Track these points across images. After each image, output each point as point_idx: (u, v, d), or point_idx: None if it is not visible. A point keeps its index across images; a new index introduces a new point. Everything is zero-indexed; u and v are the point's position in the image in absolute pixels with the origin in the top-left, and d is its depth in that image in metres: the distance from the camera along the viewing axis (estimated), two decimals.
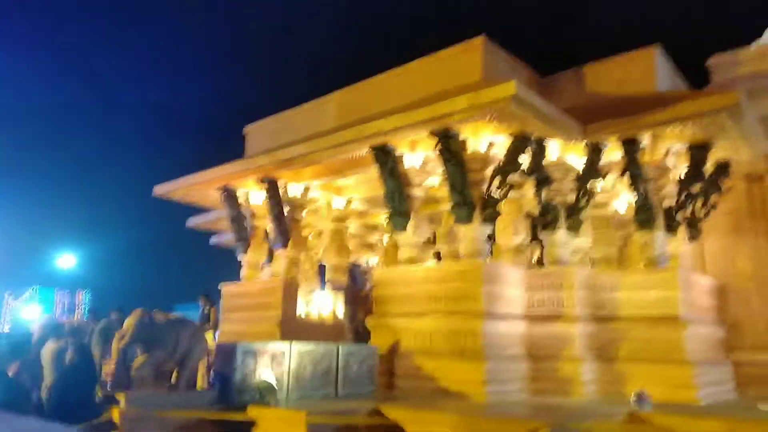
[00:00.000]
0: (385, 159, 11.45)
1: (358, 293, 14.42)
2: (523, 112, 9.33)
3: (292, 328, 12.95)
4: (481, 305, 9.92)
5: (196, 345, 8.27)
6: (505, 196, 10.65)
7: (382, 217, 16.59)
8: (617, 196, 12.27)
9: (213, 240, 21.07)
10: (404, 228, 11.57)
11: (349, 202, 15.27)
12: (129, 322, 7.46)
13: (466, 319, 9.93)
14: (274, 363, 8.58)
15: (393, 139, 11.21)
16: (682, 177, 10.89)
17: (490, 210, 10.62)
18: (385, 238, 18.30)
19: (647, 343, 10.15)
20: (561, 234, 11.16)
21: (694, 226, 11.52)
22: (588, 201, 11.14)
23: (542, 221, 11.21)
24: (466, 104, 9.41)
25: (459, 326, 9.99)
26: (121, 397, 6.75)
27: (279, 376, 8.16)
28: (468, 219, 10.58)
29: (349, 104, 13.39)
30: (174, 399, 7.77)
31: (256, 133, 15.56)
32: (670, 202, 11.09)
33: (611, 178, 11.26)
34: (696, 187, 10.91)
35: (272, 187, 13.84)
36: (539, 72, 13.12)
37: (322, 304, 14.54)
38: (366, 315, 14.13)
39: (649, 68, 11.57)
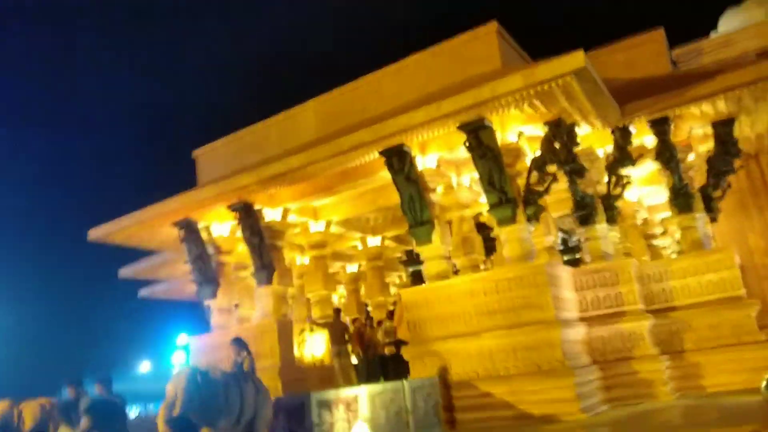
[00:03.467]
0: (401, 162, 10.00)
1: (344, 329, 12.64)
2: (585, 87, 8.36)
3: (293, 376, 10.87)
4: (551, 312, 8.66)
5: (263, 405, 6.10)
6: (547, 189, 9.59)
7: (356, 240, 15.03)
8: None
9: (143, 292, 18.05)
10: (429, 239, 10.10)
11: (328, 225, 13.48)
12: (176, 386, 5.25)
13: (537, 331, 8.60)
14: (350, 413, 6.68)
15: (408, 139, 9.82)
16: (710, 156, 10.52)
17: (533, 206, 9.50)
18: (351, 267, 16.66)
19: (714, 330, 9.47)
20: (601, 227, 10.30)
21: (713, 206, 11.17)
22: (623, 188, 10.42)
23: (580, 215, 10.28)
24: (521, 83, 8.25)
25: (530, 340, 8.63)
26: None
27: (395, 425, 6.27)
28: (512, 219, 9.37)
29: (331, 111, 11.76)
30: None
31: (210, 156, 13.36)
32: (697, 182, 10.71)
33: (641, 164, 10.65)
34: (721, 166, 10.58)
35: (247, 214, 11.76)
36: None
37: (315, 343, 12.54)
38: (360, 349, 12.45)
39: (660, 49, 11.25)
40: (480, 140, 9.35)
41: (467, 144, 9.41)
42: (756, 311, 9.40)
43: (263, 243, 11.80)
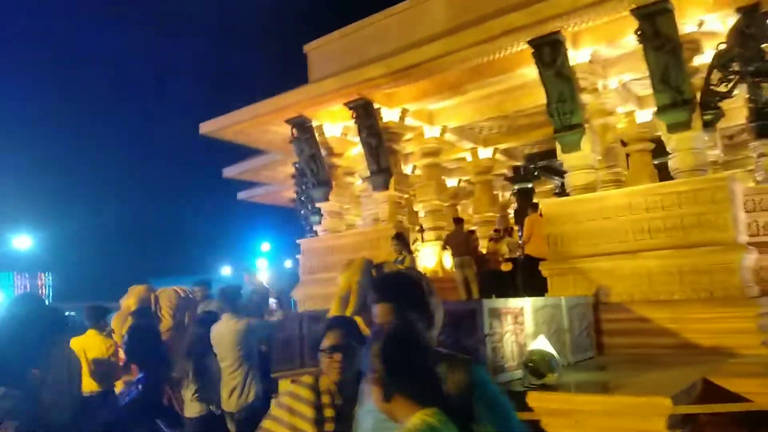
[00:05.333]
0: (554, 54, 8.74)
1: (467, 239, 11.79)
2: None
3: None
4: (731, 233, 7.50)
5: (436, 309, 5.60)
6: (731, 90, 8.16)
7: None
8: None
9: (242, 195, 17.92)
10: (578, 146, 8.97)
11: (443, 131, 12.48)
12: (350, 278, 4.68)
13: (711, 253, 7.49)
14: (517, 325, 5.95)
15: (565, 27, 8.52)
16: None
17: (712, 111, 8.14)
18: None
19: None
20: None
21: None
22: None
23: (760, 125, 8.80)
24: None
25: (701, 263, 7.55)
26: None
27: (554, 344, 5.51)
28: (686, 124, 8.07)
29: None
30: None
31: (324, 51, 12.41)
32: None
33: None
34: None
35: (366, 112, 10.91)
36: None
37: (427, 255, 11.91)
38: (479, 265, 11.68)
39: None
40: (657, 27, 7.95)
41: (640, 32, 8.04)
42: None
43: (381, 145, 10.99)
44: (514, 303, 6.04)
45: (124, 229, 33.49)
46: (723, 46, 8.20)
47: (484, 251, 12.10)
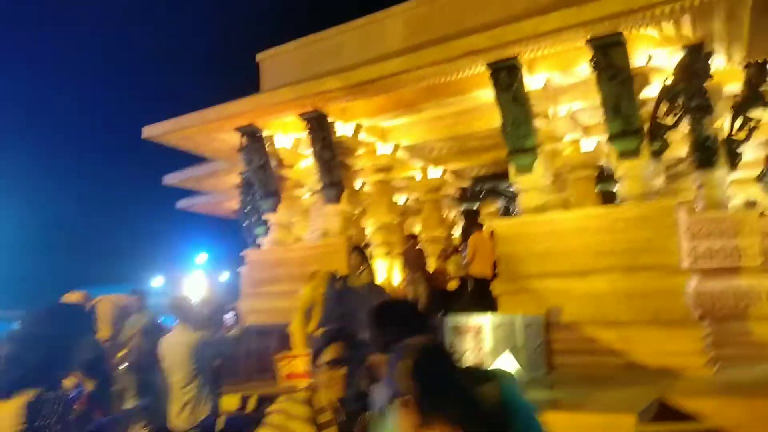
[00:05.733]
0: (511, 78, 8.91)
1: (419, 256, 11.77)
2: (756, 3, 7.21)
3: None
4: (677, 258, 7.81)
5: None
6: (677, 123, 8.56)
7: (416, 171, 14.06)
8: None
9: (182, 204, 17.23)
10: (530, 168, 9.14)
11: (395, 148, 12.47)
12: (313, 290, 4.44)
13: (658, 277, 7.75)
14: (476, 341, 5.90)
15: (523, 52, 8.72)
16: None
17: (659, 141, 8.49)
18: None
19: None
20: (720, 173, 9.30)
21: None
22: (751, 133, 9.37)
23: (700, 157, 9.26)
24: None
25: (648, 286, 7.80)
26: None
27: (513, 361, 5.47)
28: (636, 152, 8.38)
29: (425, 19, 10.51)
30: None
31: (277, 61, 12.17)
32: None
33: None
34: None
35: (320, 125, 10.75)
36: None
37: (376, 270, 11.76)
38: (431, 282, 11.64)
39: None
40: (610, 59, 8.26)
41: (595, 62, 8.32)
42: None
43: (334, 158, 10.84)
44: (474, 320, 5.99)
45: (52, 234, 31.50)
46: (669, 81, 8.61)
47: (431, 270, 12.08)
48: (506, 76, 8.91)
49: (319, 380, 2.20)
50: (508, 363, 5.25)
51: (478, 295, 9.76)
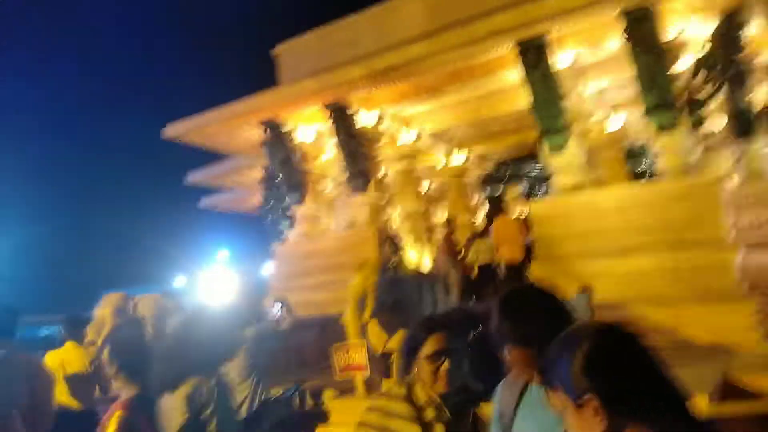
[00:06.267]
0: (539, 57, 8.69)
1: (456, 243, 11.55)
2: None
3: None
4: (722, 233, 7.56)
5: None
6: (714, 95, 8.30)
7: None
8: None
9: (206, 202, 17.20)
10: (562, 147, 8.93)
11: (419, 135, 12.29)
12: (365, 281, 4.33)
13: (708, 252, 7.53)
14: None
15: (551, 30, 8.49)
16: None
17: (697, 113, 8.25)
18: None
19: None
20: (759, 144, 9.02)
21: None
22: None
23: (738, 128, 8.98)
24: None
25: (696, 261, 7.58)
26: None
27: None
28: (673, 125, 8.14)
29: (444, 2, 10.30)
30: None
31: (295, 53, 12.01)
32: None
33: None
34: None
35: (343, 115, 10.59)
36: None
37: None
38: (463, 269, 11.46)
39: None
40: (643, 31, 8.00)
41: (628, 34, 8.07)
42: None
43: (359, 148, 10.69)
44: None
45: (77, 237, 31.67)
46: (704, 52, 8.34)
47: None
48: (534, 54, 8.69)
49: (420, 375, 2.02)
50: None
51: (512, 281, 9.59)
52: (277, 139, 11.17)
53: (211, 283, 16.15)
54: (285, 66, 12.21)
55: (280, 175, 11.38)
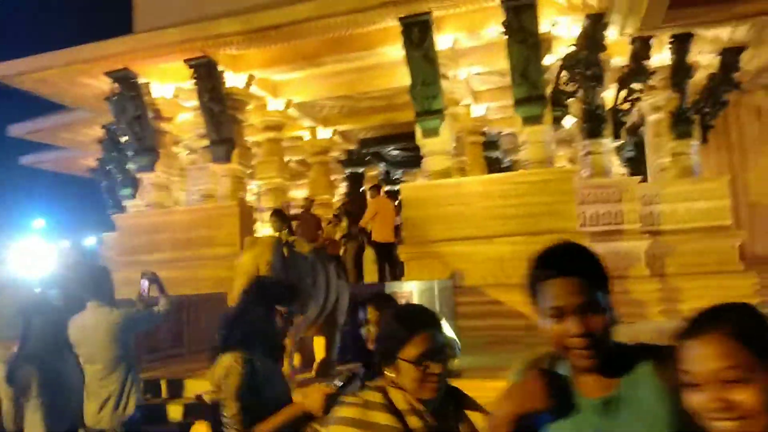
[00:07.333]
0: (423, 35, 8.64)
1: (318, 222, 11.24)
2: None
3: None
4: (575, 223, 8.17)
5: (344, 291, 4.73)
6: (577, 91, 8.86)
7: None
8: None
9: (27, 159, 14.96)
10: (436, 132, 9.00)
11: (287, 105, 11.72)
12: (256, 257, 3.75)
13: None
14: None
15: (436, 9, 8.47)
16: (712, 84, 10.40)
17: (561, 108, 8.76)
18: None
19: (698, 257, 9.64)
20: (606, 141, 9.86)
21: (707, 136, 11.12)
22: (633, 104, 10.00)
23: (590, 126, 9.72)
24: None
25: None
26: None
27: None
28: (540, 118, 8.56)
29: None
30: None
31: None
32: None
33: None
34: (719, 96, 10.54)
35: (209, 73, 9.72)
36: None
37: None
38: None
39: None
40: (522, 21, 8.27)
41: (507, 23, 8.29)
42: (740, 242, 9.69)
43: (224, 112, 9.89)
44: (406, 287, 5.76)
45: None
46: (572, 48, 8.86)
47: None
48: (418, 32, 8.62)
49: (400, 380, 1.63)
50: (445, 330, 5.10)
51: (384, 261, 9.57)
52: (128, 93, 9.94)
53: (25, 255, 14.16)
54: (142, 11, 10.85)
55: (129, 135, 10.16)
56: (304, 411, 2.16)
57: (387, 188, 13.12)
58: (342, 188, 16.53)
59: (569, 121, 10.07)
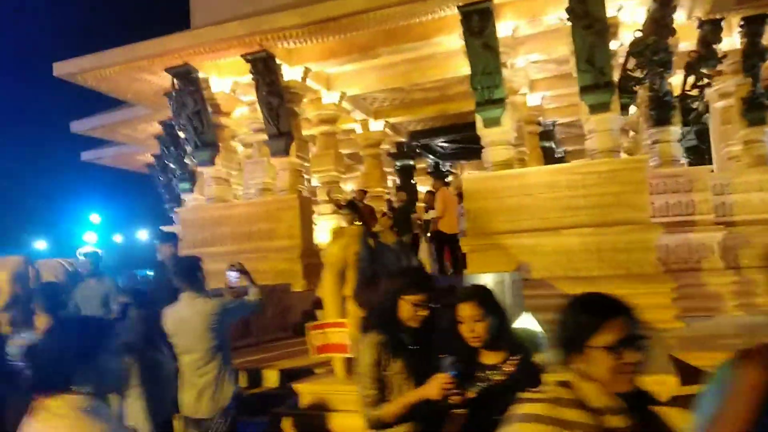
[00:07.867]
0: (483, 23, 8.44)
1: (372, 212, 11.18)
2: None
3: (312, 259, 9.49)
4: (647, 213, 7.86)
5: None
6: (646, 77, 8.53)
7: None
8: None
9: (87, 155, 15.39)
10: (498, 121, 8.81)
11: (341, 97, 11.69)
12: (345, 247, 3.75)
13: (629, 232, 7.77)
14: None
15: None
16: None
17: (629, 95, 8.44)
18: None
19: None
20: (675, 129, 9.48)
21: None
22: (702, 90, 9.59)
23: (657, 113, 9.36)
24: None
25: (619, 241, 7.81)
26: None
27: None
28: (607, 105, 8.26)
29: None
30: None
31: None
32: None
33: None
34: None
35: (267, 67, 9.74)
36: None
37: (324, 229, 11.12)
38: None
39: None
40: (587, 6, 7.99)
41: (571, 10, 8.02)
42: None
43: (282, 105, 9.91)
44: (484, 279, 5.63)
45: None
46: (639, 33, 8.53)
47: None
48: (479, 20, 8.42)
49: (592, 371, 1.51)
50: (530, 323, 4.93)
51: (444, 253, 9.46)
52: (187, 88, 10.06)
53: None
54: (200, 7, 10.99)
55: (188, 130, 10.29)
56: (422, 397, 2.28)
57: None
58: (389, 181, 16.47)
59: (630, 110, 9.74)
